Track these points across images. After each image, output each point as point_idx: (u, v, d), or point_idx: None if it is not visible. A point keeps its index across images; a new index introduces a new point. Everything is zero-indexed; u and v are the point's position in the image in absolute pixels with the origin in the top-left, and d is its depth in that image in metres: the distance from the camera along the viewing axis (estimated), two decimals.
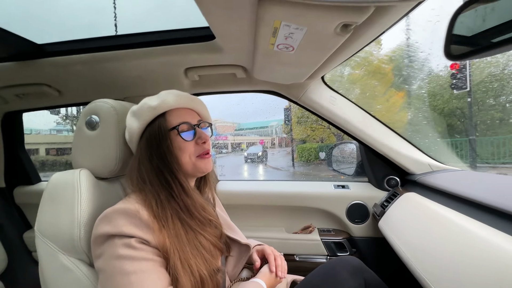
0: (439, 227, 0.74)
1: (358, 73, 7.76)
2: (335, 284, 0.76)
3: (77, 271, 0.59)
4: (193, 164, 0.65)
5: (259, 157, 13.57)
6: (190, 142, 0.64)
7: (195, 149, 0.65)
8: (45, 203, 0.64)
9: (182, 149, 0.63)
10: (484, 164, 6.75)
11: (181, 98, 0.66)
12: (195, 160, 0.65)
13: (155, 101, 0.63)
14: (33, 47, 0.93)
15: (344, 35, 0.55)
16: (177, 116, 0.65)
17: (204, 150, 0.66)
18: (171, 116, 0.64)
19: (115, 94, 1.14)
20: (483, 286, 0.49)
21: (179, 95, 0.66)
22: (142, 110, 0.64)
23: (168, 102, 0.63)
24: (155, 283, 0.50)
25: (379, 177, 1.26)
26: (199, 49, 0.88)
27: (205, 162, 0.66)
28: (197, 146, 0.65)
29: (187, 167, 0.64)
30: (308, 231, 1.31)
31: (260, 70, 0.88)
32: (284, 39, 0.60)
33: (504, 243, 0.51)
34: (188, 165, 0.64)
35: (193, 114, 0.69)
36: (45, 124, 9.82)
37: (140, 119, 0.63)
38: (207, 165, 0.67)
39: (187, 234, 0.59)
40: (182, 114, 0.66)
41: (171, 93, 0.65)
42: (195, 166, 0.65)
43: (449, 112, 9.25)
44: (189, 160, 0.64)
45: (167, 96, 0.64)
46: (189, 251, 0.57)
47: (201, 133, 0.66)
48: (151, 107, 0.62)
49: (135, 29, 0.94)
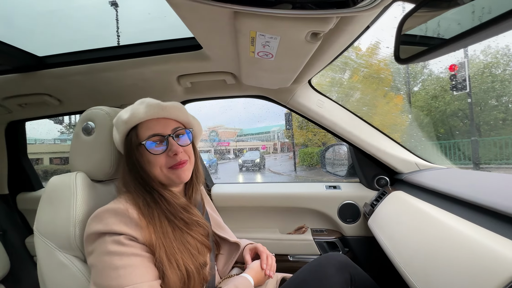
0: (420, 222, 0.77)
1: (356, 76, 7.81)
2: (322, 279, 0.79)
3: (72, 267, 0.63)
4: (165, 176, 0.65)
5: (256, 164, 11.95)
6: (160, 155, 0.63)
7: (167, 161, 0.64)
8: (44, 203, 0.68)
9: (152, 163, 0.63)
10: (488, 165, 6.69)
11: (151, 108, 0.63)
12: (167, 172, 0.65)
13: (126, 114, 0.63)
14: (34, 60, 1.00)
15: (316, 42, 0.59)
16: (147, 128, 0.64)
17: (176, 162, 0.65)
18: (142, 129, 0.64)
19: (112, 102, 1.19)
20: (461, 278, 0.51)
21: (150, 105, 0.63)
22: (118, 123, 0.65)
23: (137, 115, 0.63)
24: (143, 277, 0.53)
25: (369, 177, 1.28)
26: (189, 58, 0.94)
27: (177, 173, 0.65)
28: (168, 157, 0.64)
29: (161, 178, 0.65)
30: (301, 232, 1.33)
31: (247, 76, 0.93)
32: (262, 47, 0.64)
33: (484, 238, 0.53)
34: (161, 176, 0.65)
35: (167, 123, 0.66)
36: (47, 133, 9.97)
37: (119, 131, 0.66)
38: (181, 175, 0.66)
39: (174, 232, 0.62)
40: (153, 126, 0.64)
41: (143, 104, 0.64)
42: (168, 177, 0.65)
43: (451, 113, 9.23)
44: (161, 172, 0.64)
45: (137, 108, 0.63)
46: (176, 246, 0.60)
47: (172, 145, 0.64)
48: (123, 121, 0.63)
49: (131, 40, 1.00)
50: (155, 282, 0.54)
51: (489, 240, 0.52)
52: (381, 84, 7.45)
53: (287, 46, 0.63)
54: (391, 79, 7.66)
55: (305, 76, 0.97)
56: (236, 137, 24.78)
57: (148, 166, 0.64)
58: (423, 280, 0.62)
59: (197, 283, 0.60)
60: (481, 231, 0.57)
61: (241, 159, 12.66)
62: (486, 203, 0.62)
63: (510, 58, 8.97)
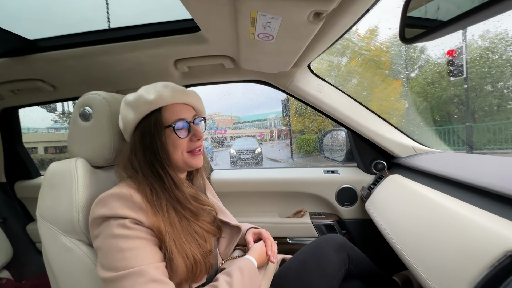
0: (416, 204, 0.79)
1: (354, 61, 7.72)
2: (320, 259, 0.82)
3: (78, 251, 0.64)
4: (184, 161, 0.67)
5: (256, 155, 9.36)
6: (184, 139, 0.65)
7: (188, 145, 0.67)
8: (45, 190, 0.68)
9: (176, 146, 0.65)
10: (481, 151, 6.80)
11: (178, 93, 0.65)
12: (187, 157, 0.67)
13: (151, 95, 0.63)
14: (25, 43, 0.96)
15: (318, 23, 0.58)
16: (173, 112, 0.65)
17: (196, 146, 0.67)
18: (167, 112, 0.64)
19: (108, 87, 1.17)
20: (456, 255, 0.53)
21: (176, 89, 0.65)
22: (138, 103, 0.63)
23: (164, 97, 0.63)
24: (148, 259, 0.54)
25: (367, 162, 1.30)
26: (187, 41, 0.91)
27: (196, 159, 0.68)
28: (190, 142, 0.67)
29: (179, 163, 0.67)
30: (300, 215, 1.36)
31: (246, 60, 0.92)
32: (263, 29, 0.63)
33: (478, 217, 0.55)
34: (180, 161, 0.66)
35: (188, 109, 0.68)
36: (41, 121, 9.76)
37: (136, 112, 0.64)
38: (198, 161, 0.69)
39: (181, 222, 0.62)
40: (178, 110, 0.66)
41: (168, 87, 0.65)
42: (186, 162, 0.67)
43: (447, 99, 9.25)
44: (181, 156, 0.66)
45: (163, 91, 0.63)
46: (183, 237, 0.60)
47: (195, 130, 0.67)
48: (147, 102, 0.62)
49: (126, 23, 0.97)
50: (160, 264, 0.56)
51: (483, 218, 0.54)
52: (380, 68, 7.39)
53: (289, 27, 0.61)
54: (391, 62, 7.57)
55: (305, 60, 0.95)
56: (233, 124, 24.68)
57: (171, 148, 0.65)
58: (419, 259, 0.64)
59: (203, 269, 0.61)
60: (475, 210, 0.58)
61: (234, 149, 9.84)
62: (480, 184, 0.64)
63: (508, 42, 8.90)
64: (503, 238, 0.46)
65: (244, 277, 0.63)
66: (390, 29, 6.41)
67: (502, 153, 6.40)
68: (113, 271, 0.51)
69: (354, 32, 6.36)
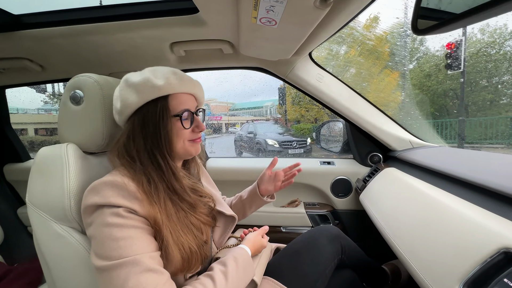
0: (411, 197, 0.80)
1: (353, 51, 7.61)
2: (314, 249, 0.83)
3: (70, 238, 0.63)
4: (185, 149, 0.67)
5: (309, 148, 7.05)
6: (188, 129, 0.66)
7: (190, 135, 0.67)
8: (34, 175, 0.66)
9: (179, 135, 0.65)
10: (471, 144, 6.95)
11: (186, 82, 0.65)
12: (188, 145, 0.67)
13: (160, 80, 0.60)
14: (9, 18, 0.89)
15: (324, 9, 0.55)
16: (180, 101, 0.64)
17: (198, 137, 0.69)
18: (174, 100, 0.63)
19: (100, 70, 1.12)
20: (448, 249, 0.54)
21: (184, 78, 0.64)
22: (145, 86, 0.60)
23: (174, 85, 0.62)
24: (143, 248, 0.53)
25: (363, 154, 1.31)
26: (184, 23, 0.86)
27: (195, 146, 0.69)
28: (192, 133, 0.67)
29: (180, 151, 0.66)
30: (294, 205, 1.38)
31: (246, 45, 0.88)
32: (266, 13, 0.59)
33: (472, 212, 0.56)
34: (181, 149, 0.66)
35: (192, 99, 0.68)
36: (30, 102, 9.45)
37: (140, 95, 0.61)
38: (197, 149, 0.70)
39: (178, 213, 0.61)
40: (184, 100, 0.65)
41: (177, 74, 0.63)
42: (186, 150, 0.67)
43: (442, 92, 9.31)
44: (183, 144, 0.66)
45: (173, 78, 0.62)
46: (180, 229, 0.60)
47: (198, 121, 0.68)
48: (156, 87, 0.60)
49: (119, 0, 0.91)
50: (155, 253, 0.55)
51: (477, 214, 0.55)
52: (379, 59, 7.31)
53: (293, 12, 0.58)
54: (393, 53, 7.49)
55: (307, 48, 0.92)
56: (228, 111, 24.44)
57: (175, 137, 0.64)
58: (411, 251, 0.65)
59: (198, 260, 0.61)
60: (469, 206, 0.59)
61: (264, 138, 7.31)
62: (476, 180, 0.64)
63: (506, 37, 8.88)
64: (496, 234, 0.47)
65: (238, 267, 0.63)
66: (397, 18, 6.25)
67: (492, 147, 6.56)
68: (107, 260, 0.51)
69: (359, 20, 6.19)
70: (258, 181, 0.94)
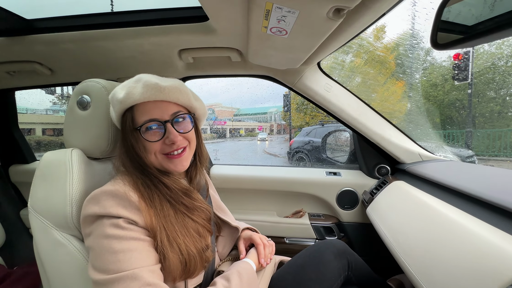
0: (422, 213, 0.77)
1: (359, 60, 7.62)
2: (320, 264, 0.80)
3: (70, 246, 0.61)
4: (160, 163, 0.62)
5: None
6: (156, 142, 0.59)
7: (162, 148, 0.61)
8: (38, 180, 0.65)
9: (147, 149, 0.60)
10: (478, 157, 6.82)
11: (149, 89, 0.57)
12: (162, 159, 0.61)
13: (121, 93, 0.57)
14: (22, 23, 0.91)
15: (337, 20, 0.54)
16: (143, 112, 0.59)
17: (171, 150, 0.61)
18: (138, 112, 0.59)
19: (108, 74, 1.12)
20: (463, 273, 0.51)
21: (147, 86, 0.57)
22: (113, 101, 0.60)
23: (133, 95, 0.57)
24: (143, 261, 0.51)
25: (370, 165, 1.28)
26: (193, 30, 0.86)
27: (174, 162, 0.62)
28: (164, 145, 0.61)
29: (156, 165, 0.62)
30: (298, 216, 1.35)
31: (255, 54, 0.87)
32: (277, 23, 0.59)
33: (488, 234, 0.53)
34: (156, 163, 0.62)
35: (166, 106, 0.60)
36: (39, 104, 9.61)
37: (115, 109, 0.61)
38: (178, 165, 0.62)
39: (176, 215, 0.60)
40: (150, 109, 0.59)
41: (139, 82, 0.58)
42: (162, 165, 0.62)
43: (449, 103, 9.22)
44: (156, 158, 0.61)
45: (133, 88, 0.57)
46: (178, 230, 0.58)
47: (170, 132, 0.59)
48: (118, 101, 0.58)
49: (129, 7, 0.91)
50: (155, 266, 0.53)
51: (494, 236, 0.52)
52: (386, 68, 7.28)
53: (305, 23, 0.57)
54: (401, 63, 7.46)
55: (316, 57, 0.91)
56: (233, 116, 24.55)
57: (143, 152, 0.60)
58: (423, 272, 0.62)
59: (198, 265, 0.59)
60: (485, 226, 0.56)
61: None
62: (490, 198, 0.61)
63: None
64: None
65: (242, 282, 0.61)
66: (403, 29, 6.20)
67: (499, 160, 6.42)
68: (105, 273, 0.49)
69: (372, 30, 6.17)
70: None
